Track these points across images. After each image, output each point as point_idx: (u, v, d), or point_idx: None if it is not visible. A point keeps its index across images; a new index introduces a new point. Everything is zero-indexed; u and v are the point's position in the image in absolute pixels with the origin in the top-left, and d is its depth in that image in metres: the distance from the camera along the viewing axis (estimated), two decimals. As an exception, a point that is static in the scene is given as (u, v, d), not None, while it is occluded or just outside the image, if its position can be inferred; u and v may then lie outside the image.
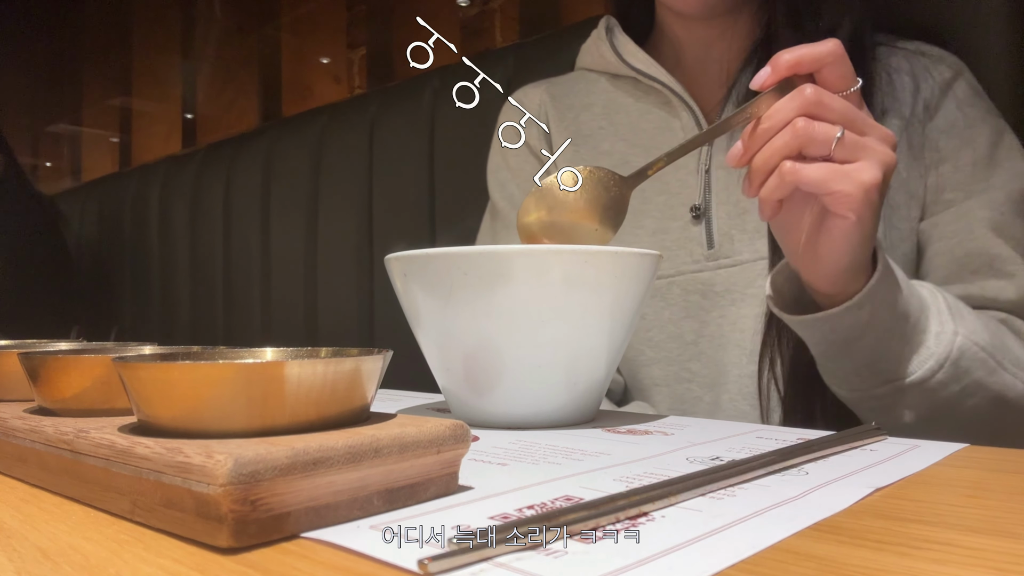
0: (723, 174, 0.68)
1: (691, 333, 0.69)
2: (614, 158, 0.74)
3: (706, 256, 0.68)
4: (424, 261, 0.44)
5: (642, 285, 0.46)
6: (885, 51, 0.67)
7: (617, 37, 0.76)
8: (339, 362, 0.28)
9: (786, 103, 0.46)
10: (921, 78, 0.65)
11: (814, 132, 0.45)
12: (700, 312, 0.68)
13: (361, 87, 1.73)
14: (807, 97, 0.46)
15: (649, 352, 0.71)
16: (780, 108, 0.46)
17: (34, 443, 0.31)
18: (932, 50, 0.67)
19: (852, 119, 0.46)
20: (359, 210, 1.23)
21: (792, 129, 0.46)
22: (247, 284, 1.45)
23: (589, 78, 0.79)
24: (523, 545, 0.22)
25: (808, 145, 0.46)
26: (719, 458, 0.35)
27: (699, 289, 0.68)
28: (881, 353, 0.52)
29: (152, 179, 1.73)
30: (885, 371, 0.53)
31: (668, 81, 0.71)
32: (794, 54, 0.47)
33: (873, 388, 0.54)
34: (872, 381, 0.53)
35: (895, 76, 0.65)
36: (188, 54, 2.22)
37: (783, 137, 0.46)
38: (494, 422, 0.45)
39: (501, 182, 0.82)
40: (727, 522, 0.25)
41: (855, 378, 0.54)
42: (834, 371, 0.56)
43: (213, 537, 0.23)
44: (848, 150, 0.46)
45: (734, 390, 0.66)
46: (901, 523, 0.25)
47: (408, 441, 0.27)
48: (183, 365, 0.27)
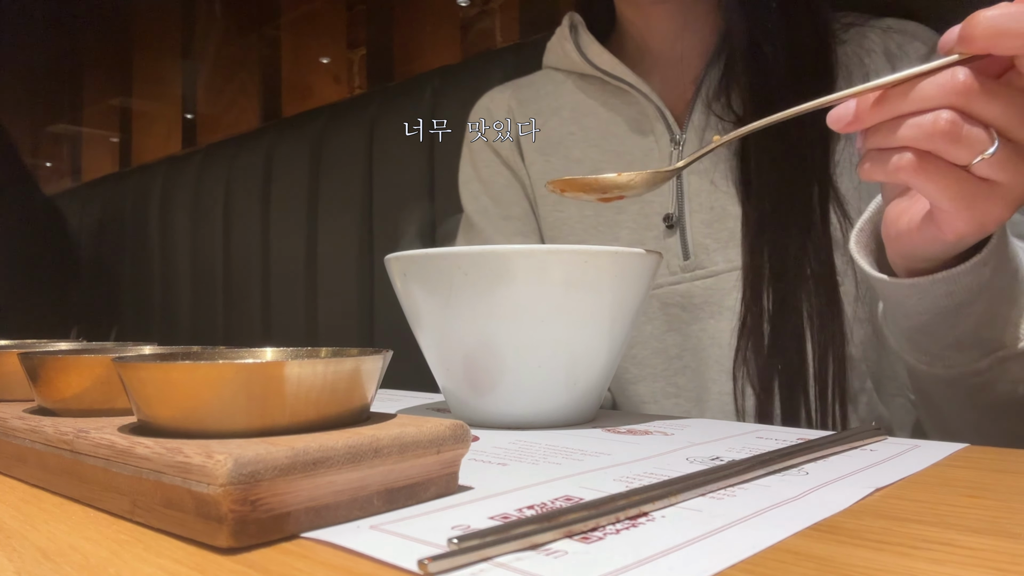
0: (696, 179, 0.66)
1: (675, 347, 0.67)
2: (585, 166, 0.72)
3: (682, 267, 0.66)
4: (424, 261, 0.44)
5: (642, 285, 0.46)
6: (858, 31, 0.65)
7: (581, 36, 0.73)
8: (339, 362, 0.28)
9: (932, 86, 0.36)
10: (897, 57, 0.63)
11: (960, 137, 0.36)
12: (681, 325, 0.67)
13: (361, 87, 1.73)
14: (962, 84, 0.35)
15: (634, 370, 0.69)
16: (924, 91, 0.36)
17: (34, 443, 0.31)
18: (907, 26, 0.64)
19: (1017, 123, 0.36)
20: (359, 210, 1.23)
21: (934, 124, 0.36)
22: (247, 284, 1.45)
23: (556, 79, 0.77)
24: (523, 545, 0.22)
25: (945, 150, 0.37)
26: (719, 458, 0.35)
27: (678, 302, 0.66)
28: (989, 319, 0.45)
29: (152, 179, 1.73)
30: (989, 340, 0.46)
31: (635, 82, 0.69)
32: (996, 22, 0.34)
33: (974, 362, 0.47)
34: (974, 353, 0.47)
35: (868, 57, 0.63)
36: (188, 54, 2.22)
37: (916, 129, 0.37)
38: (494, 422, 0.45)
39: (473, 194, 0.79)
40: (727, 522, 0.25)
41: (954, 352, 0.47)
42: (931, 345, 0.48)
43: (213, 537, 0.23)
44: (992, 168, 0.37)
45: (715, 407, 0.65)
46: (901, 523, 0.25)
47: (408, 441, 0.27)
48: (183, 365, 0.27)
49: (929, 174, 0.37)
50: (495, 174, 0.78)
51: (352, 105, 1.34)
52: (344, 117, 1.29)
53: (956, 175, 0.37)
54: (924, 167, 0.37)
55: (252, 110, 1.97)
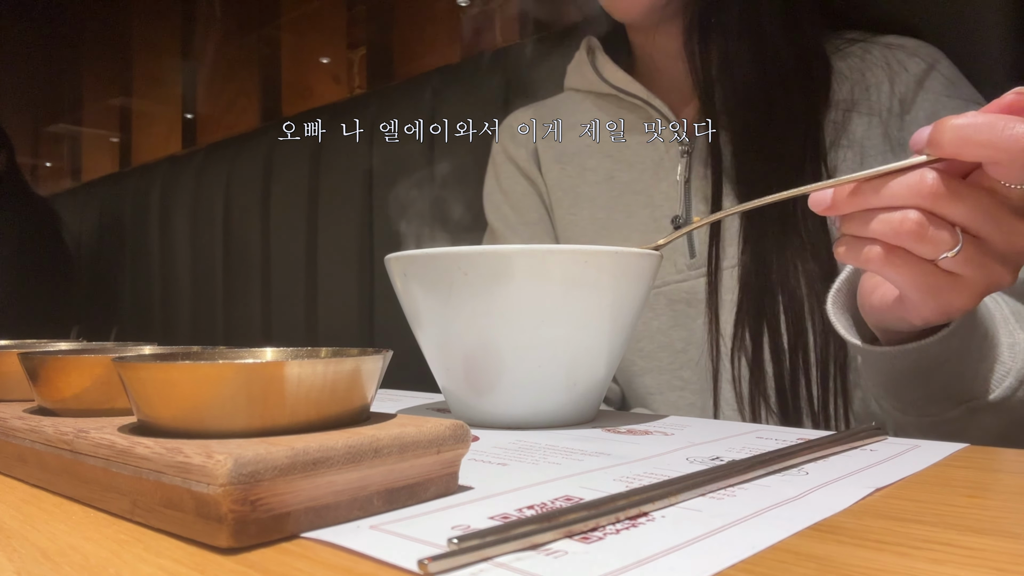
0: (701, 184, 0.69)
1: (680, 342, 0.70)
2: (599, 174, 0.76)
3: (688, 265, 0.69)
4: (424, 261, 0.44)
5: (642, 285, 0.46)
6: (861, 47, 0.67)
7: (598, 58, 0.78)
8: (339, 362, 0.28)
9: (902, 186, 0.37)
10: (896, 72, 0.65)
11: (925, 237, 0.37)
12: (687, 320, 0.69)
13: (361, 87, 1.73)
14: (928, 188, 0.37)
15: (640, 362, 0.72)
16: (894, 189, 0.37)
17: (34, 443, 0.31)
18: (907, 42, 0.66)
19: (981, 222, 0.37)
20: (359, 210, 1.23)
21: (901, 223, 0.37)
22: (247, 284, 1.45)
23: (575, 98, 0.81)
24: (523, 545, 0.22)
25: (912, 247, 0.38)
26: (719, 458, 0.35)
27: (684, 298, 0.69)
28: (959, 375, 0.47)
29: (152, 179, 1.73)
30: (960, 392, 0.48)
31: (647, 96, 0.73)
32: (962, 132, 0.35)
33: (945, 412, 0.49)
34: (945, 405, 0.48)
35: (869, 71, 0.65)
36: (188, 54, 2.22)
37: (885, 224, 0.38)
38: (494, 422, 0.45)
39: (495, 204, 0.84)
40: (727, 522, 0.25)
41: (927, 404, 0.49)
42: (903, 395, 0.50)
43: (213, 537, 0.23)
44: (957, 264, 0.38)
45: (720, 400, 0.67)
46: (901, 523, 0.25)
47: (408, 441, 0.27)
48: (183, 365, 0.27)
49: (896, 267, 0.39)
50: (514, 184, 0.83)
51: (352, 105, 1.34)
52: (344, 117, 1.29)
53: (923, 268, 0.39)
54: (892, 260, 0.39)
55: (252, 110, 1.97)
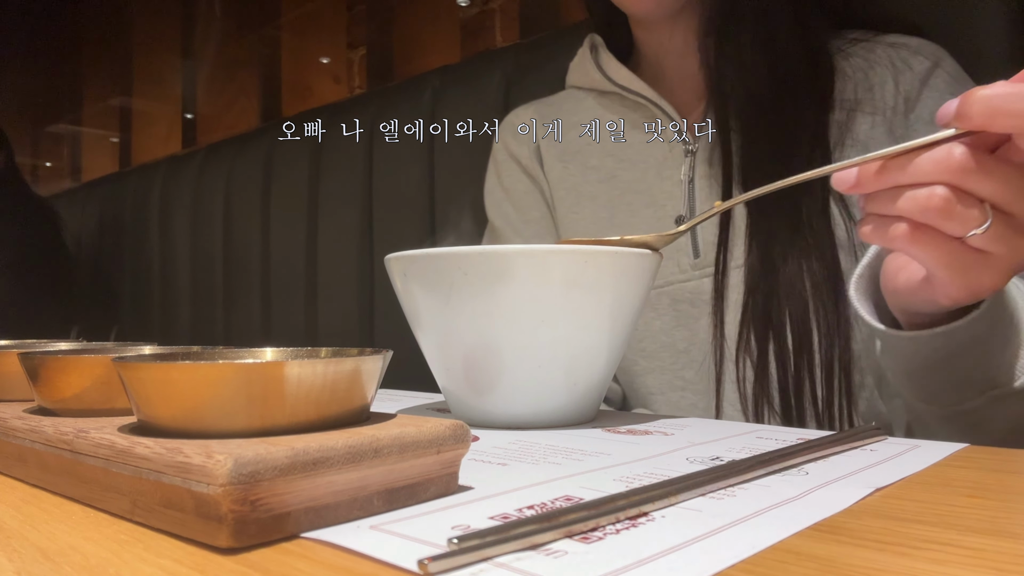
0: (705, 183, 0.69)
1: (683, 342, 0.70)
2: (601, 172, 0.75)
3: (692, 265, 0.69)
4: (424, 261, 0.44)
5: (642, 285, 0.46)
6: (865, 46, 0.67)
7: (601, 55, 0.77)
8: (339, 362, 0.28)
9: (928, 162, 0.36)
10: (900, 71, 0.65)
11: (953, 213, 0.36)
12: (690, 321, 0.69)
13: (361, 87, 1.72)
14: (956, 162, 0.36)
15: (643, 362, 0.72)
16: (921, 166, 0.36)
17: (34, 443, 0.31)
18: (911, 41, 0.66)
19: (1011, 198, 0.36)
20: (359, 210, 1.23)
21: (928, 199, 0.36)
22: (247, 284, 1.45)
23: (578, 96, 0.81)
24: (523, 545, 0.22)
25: (940, 224, 0.37)
26: (719, 458, 0.35)
27: (687, 298, 0.69)
28: (984, 362, 0.46)
29: (152, 179, 1.73)
30: (983, 380, 0.46)
31: (650, 95, 0.72)
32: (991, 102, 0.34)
33: (968, 400, 0.47)
34: (968, 392, 0.47)
35: (872, 70, 0.65)
36: (188, 54, 2.22)
37: (912, 202, 0.37)
38: (494, 422, 0.45)
39: (497, 202, 0.84)
40: (727, 522, 0.25)
41: (950, 392, 0.48)
42: (927, 384, 0.49)
43: (213, 537, 0.23)
44: (986, 241, 0.37)
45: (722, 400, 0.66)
46: (901, 523, 0.25)
47: (408, 441, 0.27)
48: (183, 365, 0.27)
49: (923, 244, 0.38)
50: (516, 182, 0.82)
51: (352, 105, 1.34)
52: (344, 117, 1.29)
53: (950, 246, 0.38)
54: (919, 237, 0.38)
55: (252, 110, 1.97)
